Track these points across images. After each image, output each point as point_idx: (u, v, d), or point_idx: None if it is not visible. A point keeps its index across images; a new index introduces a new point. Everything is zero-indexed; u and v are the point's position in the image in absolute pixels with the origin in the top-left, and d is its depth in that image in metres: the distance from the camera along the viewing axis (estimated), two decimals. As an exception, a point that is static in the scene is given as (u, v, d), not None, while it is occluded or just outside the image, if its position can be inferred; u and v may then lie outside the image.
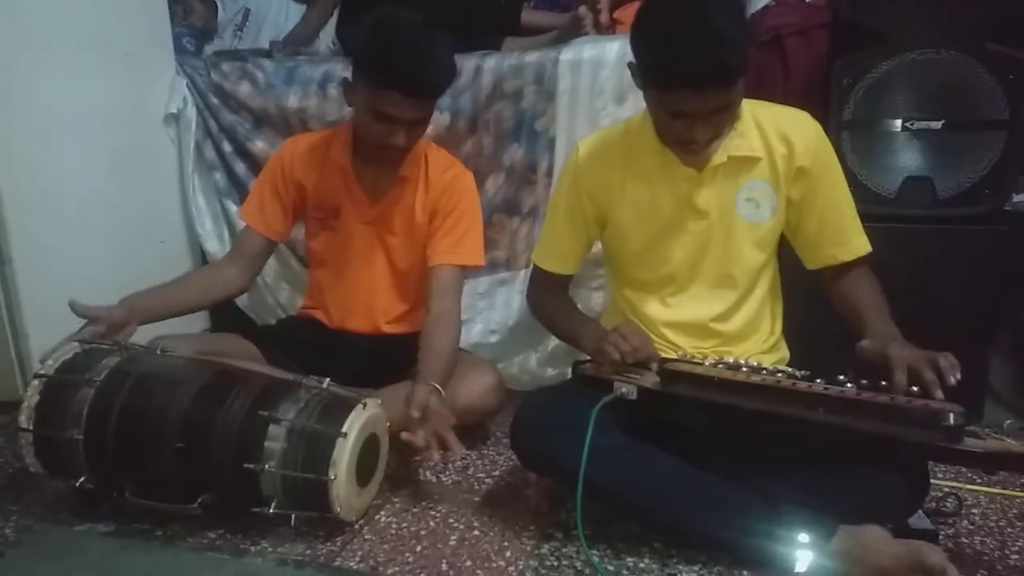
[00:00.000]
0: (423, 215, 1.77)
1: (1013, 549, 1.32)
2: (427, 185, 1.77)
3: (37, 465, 1.41)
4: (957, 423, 1.13)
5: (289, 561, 1.30)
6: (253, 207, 1.80)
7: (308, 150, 1.79)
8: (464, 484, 1.58)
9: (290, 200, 1.80)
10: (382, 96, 1.57)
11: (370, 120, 1.61)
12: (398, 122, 1.60)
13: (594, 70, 1.94)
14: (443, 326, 1.66)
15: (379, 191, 1.77)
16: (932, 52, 1.66)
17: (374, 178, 1.76)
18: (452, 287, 1.73)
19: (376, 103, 1.58)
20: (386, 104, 1.57)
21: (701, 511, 1.27)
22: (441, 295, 1.70)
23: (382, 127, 1.61)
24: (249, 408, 1.34)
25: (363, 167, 1.75)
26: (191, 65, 2.22)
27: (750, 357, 1.43)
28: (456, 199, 1.76)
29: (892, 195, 1.73)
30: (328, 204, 1.79)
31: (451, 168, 1.80)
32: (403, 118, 1.60)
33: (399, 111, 1.58)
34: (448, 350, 1.63)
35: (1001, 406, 1.82)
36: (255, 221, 1.79)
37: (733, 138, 1.41)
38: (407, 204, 1.77)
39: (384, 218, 1.78)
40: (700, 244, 1.47)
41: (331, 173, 1.77)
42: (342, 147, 1.74)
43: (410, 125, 1.62)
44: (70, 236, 1.92)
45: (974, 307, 1.73)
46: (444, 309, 1.68)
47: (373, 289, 1.82)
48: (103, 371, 1.39)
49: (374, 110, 1.59)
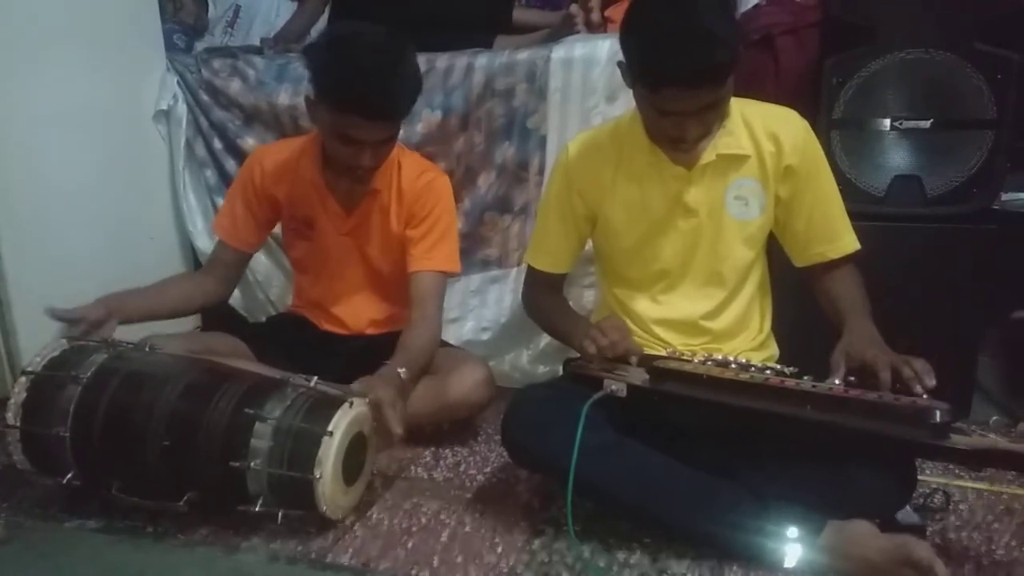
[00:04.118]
0: (398, 224, 1.75)
1: (999, 544, 1.33)
2: (400, 194, 1.74)
3: (25, 462, 1.41)
4: (943, 420, 1.15)
5: (280, 557, 1.30)
6: (226, 222, 1.79)
7: (278, 164, 1.76)
8: (455, 480, 1.58)
9: (263, 213, 1.78)
10: (344, 120, 1.52)
11: (334, 142, 1.58)
12: (363, 143, 1.56)
13: (586, 68, 1.93)
14: (418, 329, 1.65)
15: (353, 202, 1.74)
16: (921, 51, 1.67)
17: (347, 190, 1.73)
18: (432, 293, 1.71)
19: (338, 127, 1.54)
20: (348, 128, 1.53)
21: (690, 507, 1.28)
22: (421, 302, 1.69)
23: (347, 149, 1.57)
24: (235, 406, 1.34)
25: (335, 181, 1.72)
26: (181, 62, 2.21)
27: (739, 354, 1.43)
28: (431, 205, 1.73)
29: (881, 194, 1.74)
30: (302, 215, 1.77)
31: (424, 174, 1.76)
32: (368, 140, 1.56)
33: (363, 134, 1.54)
34: (419, 346, 1.62)
35: (988, 403, 1.83)
36: (228, 236, 1.78)
37: (722, 136, 1.42)
38: (382, 214, 1.75)
39: (360, 229, 1.76)
40: (690, 242, 1.48)
41: (303, 187, 1.74)
42: (311, 162, 1.72)
43: (376, 145, 1.58)
44: (59, 232, 1.91)
45: (962, 305, 1.74)
46: (422, 315, 1.68)
47: (355, 295, 1.82)
48: (90, 368, 1.38)
49: (337, 133, 1.56)
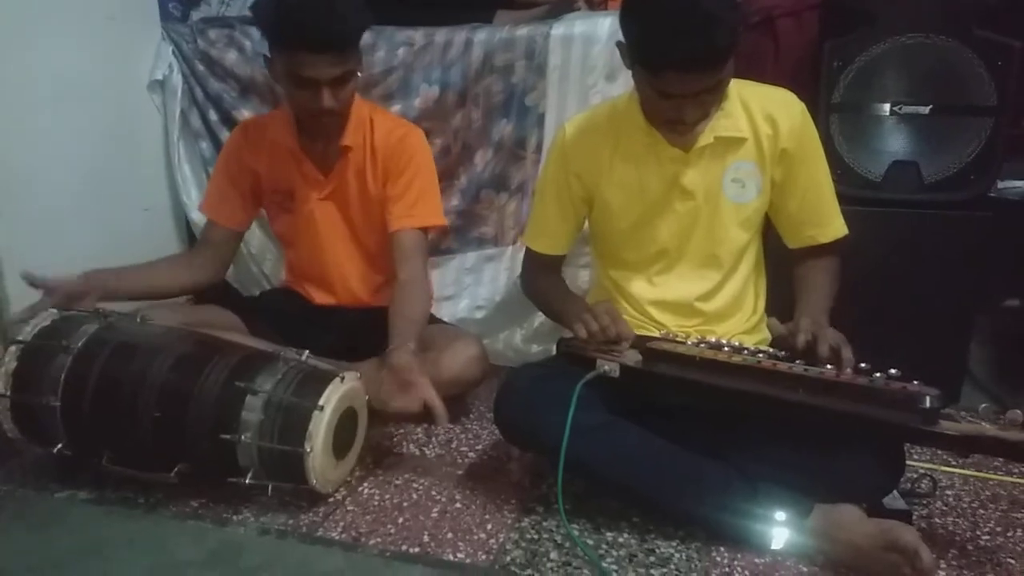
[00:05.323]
0: (375, 184, 1.74)
1: (984, 530, 1.34)
2: (373, 151, 1.73)
3: (15, 431, 1.42)
4: (933, 406, 1.15)
5: (271, 531, 1.31)
6: (213, 201, 1.79)
7: (256, 137, 1.76)
8: (447, 457, 1.59)
9: (248, 189, 1.78)
10: (293, 61, 1.52)
11: (293, 89, 1.58)
12: (319, 83, 1.55)
13: (585, 46, 1.92)
14: (410, 293, 1.64)
15: (328, 164, 1.74)
16: (922, 36, 1.66)
17: (323, 152, 1.73)
18: (415, 251, 1.70)
19: (290, 68, 1.54)
20: (299, 67, 1.53)
21: (680, 488, 1.29)
22: (405, 261, 1.68)
23: (305, 92, 1.57)
24: (226, 379, 1.34)
25: (310, 144, 1.72)
26: (177, 31, 2.18)
27: (733, 337, 1.44)
28: (406, 159, 1.72)
29: (878, 179, 1.73)
30: (283, 187, 1.77)
31: (397, 129, 1.74)
32: (321, 78, 1.54)
33: (314, 71, 1.53)
34: (418, 314, 1.61)
35: (978, 390, 1.84)
36: (215, 213, 1.78)
37: (720, 118, 1.41)
38: (358, 174, 1.74)
39: (339, 192, 1.76)
40: (686, 224, 1.48)
41: (280, 156, 1.74)
42: (284, 127, 1.71)
43: (333, 84, 1.56)
44: (53, 203, 1.90)
45: (956, 291, 1.74)
46: (409, 276, 1.66)
47: (343, 264, 1.81)
48: (81, 338, 1.38)
49: (291, 76, 1.55)
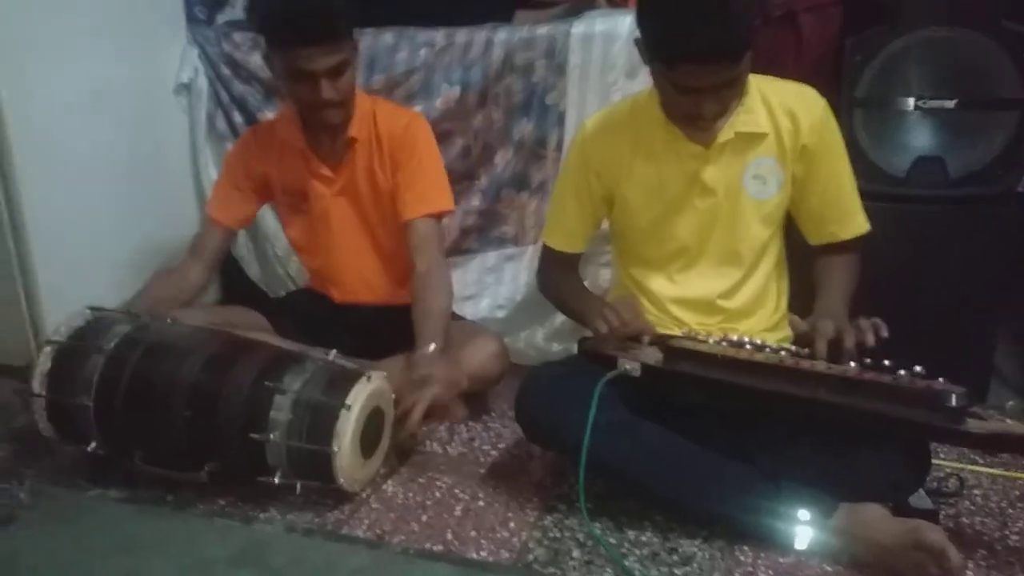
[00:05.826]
0: (384, 174, 1.74)
1: (1013, 530, 1.33)
2: (379, 141, 1.73)
3: (49, 430, 1.44)
4: (959, 404, 1.14)
5: (297, 528, 1.33)
6: (214, 201, 1.81)
7: (266, 140, 1.78)
8: (469, 456, 1.59)
9: (253, 190, 1.79)
10: (290, 56, 1.54)
11: (292, 84, 1.59)
12: (316, 75, 1.56)
13: (606, 44, 1.91)
14: (431, 284, 1.65)
15: (336, 159, 1.75)
16: (946, 30, 1.63)
17: (330, 148, 1.74)
18: (430, 239, 1.70)
19: (287, 63, 1.55)
20: (295, 61, 1.54)
21: (702, 487, 1.29)
22: (421, 250, 1.68)
23: (304, 86, 1.58)
24: (255, 378, 1.36)
25: (317, 141, 1.73)
26: (202, 35, 2.20)
27: (755, 334, 1.43)
28: (411, 147, 1.72)
29: (903, 175, 1.71)
30: (295, 188, 1.78)
31: (400, 117, 1.75)
32: (317, 69, 1.55)
33: (309, 63, 1.54)
34: (441, 308, 1.62)
35: (1006, 387, 1.82)
36: (219, 214, 1.78)
37: (740, 114, 1.40)
38: (367, 166, 1.75)
39: (350, 186, 1.76)
40: (707, 221, 1.47)
41: (290, 156, 1.75)
42: (291, 127, 1.73)
43: (329, 75, 1.57)
44: (82, 204, 1.93)
45: (982, 288, 1.72)
46: (427, 266, 1.67)
47: (362, 261, 1.82)
48: (114, 339, 1.41)
49: (289, 71, 1.57)
